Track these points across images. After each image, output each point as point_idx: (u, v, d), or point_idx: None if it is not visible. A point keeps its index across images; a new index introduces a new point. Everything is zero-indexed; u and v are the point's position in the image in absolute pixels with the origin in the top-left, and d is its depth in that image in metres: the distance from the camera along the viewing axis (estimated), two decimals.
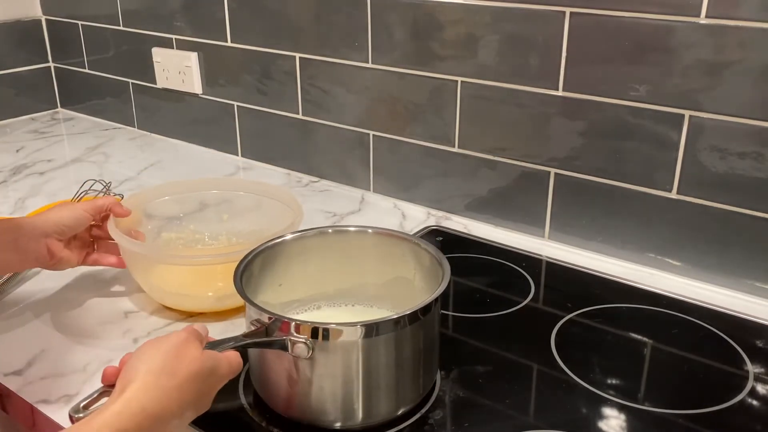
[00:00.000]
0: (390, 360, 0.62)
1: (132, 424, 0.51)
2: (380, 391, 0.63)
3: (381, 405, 0.64)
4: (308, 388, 0.62)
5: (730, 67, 0.79)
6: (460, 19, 0.97)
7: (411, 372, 0.64)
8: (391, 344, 0.62)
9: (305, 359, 0.60)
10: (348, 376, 0.61)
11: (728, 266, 0.86)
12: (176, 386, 0.55)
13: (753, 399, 0.68)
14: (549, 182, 0.97)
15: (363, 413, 0.63)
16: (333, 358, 0.61)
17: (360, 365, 0.61)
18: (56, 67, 1.65)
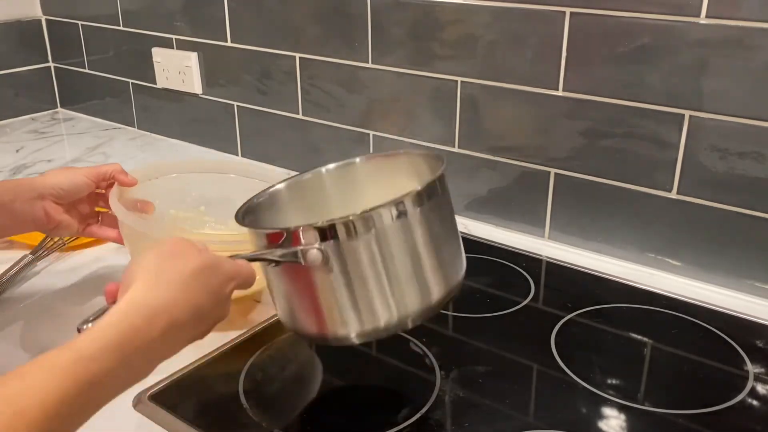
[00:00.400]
0: (407, 246, 0.60)
1: (139, 319, 0.49)
2: (406, 281, 0.60)
3: (411, 297, 0.61)
4: (334, 297, 0.60)
5: (730, 67, 0.79)
6: (460, 19, 0.97)
7: (433, 259, 0.61)
8: (403, 229, 0.59)
9: (321, 267, 0.58)
10: (367, 272, 0.59)
11: (728, 266, 0.86)
12: (178, 282, 0.53)
13: (753, 399, 0.68)
14: (549, 182, 0.97)
15: (388, 313, 0.60)
16: (350, 258, 0.58)
17: (377, 257, 0.59)
18: (56, 67, 1.65)
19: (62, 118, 1.64)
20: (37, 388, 0.43)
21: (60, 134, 1.53)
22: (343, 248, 0.58)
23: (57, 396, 0.43)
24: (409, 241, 0.60)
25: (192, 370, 0.72)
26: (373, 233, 0.58)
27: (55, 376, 0.44)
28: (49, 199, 0.76)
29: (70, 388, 0.44)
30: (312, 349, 0.78)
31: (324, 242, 0.58)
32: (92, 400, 0.46)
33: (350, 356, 0.75)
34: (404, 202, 0.59)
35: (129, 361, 0.48)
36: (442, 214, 0.65)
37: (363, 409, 0.68)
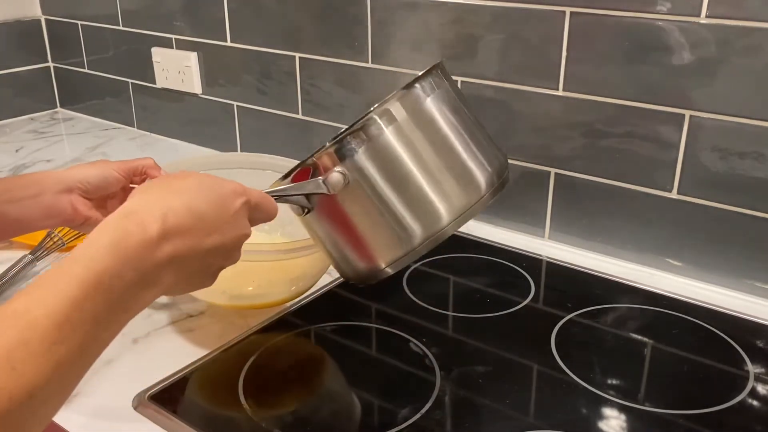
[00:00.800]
0: (433, 137, 0.57)
1: (131, 224, 0.48)
2: (442, 176, 0.57)
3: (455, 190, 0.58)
4: (377, 217, 0.57)
5: (731, 67, 0.79)
6: (460, 19, 0.97)
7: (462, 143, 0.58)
8: (425, 118, 0.57)
9: (349, 190, 0.56)
10: (400, 174, 0.56)
11: (728, 266, 0.86)
12: (174, 191, 0.51)
13: (753, 399, 0.68)
14: (549, 182, 0.97)
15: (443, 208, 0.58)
16: (373, 171, 0.56)
17: (404, 158, 0.56)
18: (56, 67, 1.65)
19: (62, 118, 1.64)
20: (44, 298, 0.42)
21: (59, 134, 1.53)
22: (360, 160, 0.56)
23: (65, 302, 0.42)
24: (433, 128, 0.57)
25: (192, 370, 0.72)
26: (386, 133, 0.56)
27: (60, 282, 0.43)
28: (77, 193, 0.73)
29: (75, 291, 0.43)
30: (311, 349, 0.78)
31: (342, 162, 0.56)
32: (101, 302, 0.44)
33: (350, 356, 0.75)
34: (414, 89, 0.56)
35: (129, 260, 0.46)
36: (457, 102, 0.61)
37: (363, 409, 0.67)
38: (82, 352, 0.44)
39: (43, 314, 0.41)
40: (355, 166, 0.56)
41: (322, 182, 0.57)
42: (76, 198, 0.72)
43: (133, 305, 0.47)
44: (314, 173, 0.58)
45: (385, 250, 0.60)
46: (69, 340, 0.42)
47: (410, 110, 0.58)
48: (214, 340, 0.77)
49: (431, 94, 0.59)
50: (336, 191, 0.57)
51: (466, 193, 0.59)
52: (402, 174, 0.57)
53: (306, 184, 0.58)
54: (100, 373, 0.72)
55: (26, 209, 0.70)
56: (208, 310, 0.83)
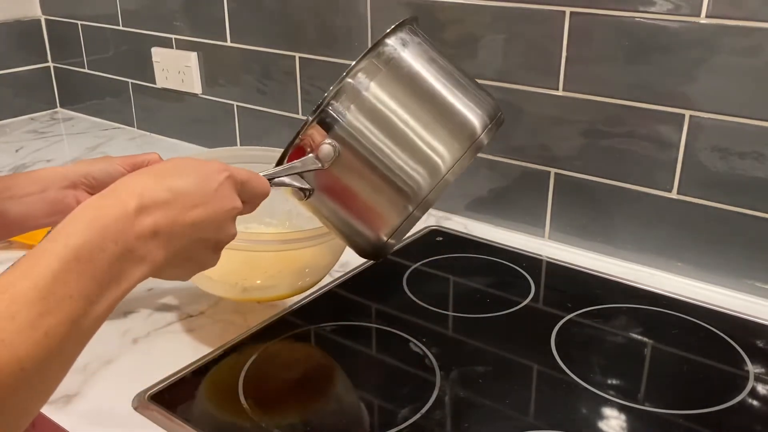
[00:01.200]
0: (413, 90, 0.57)
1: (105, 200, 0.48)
2: (435, 122, 0.57)
3: (444, 136, 0.57)
4: (377, 181, 0.57)
5: (731, 67, 0.79)
6: (460, 19, 0.97)
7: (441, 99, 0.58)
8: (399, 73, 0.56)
9: (342, 160, 0.56)
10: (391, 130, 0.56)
11: (728, 266, 0.86)
12: (150, 172, 0.52)
13: (753, 399, 0.68)
14: (549, 182, 0.97)
15: (441, 159, 0.57)
16: (360, 134, 0.56)
17: (389, 115, 0.56)
18: (56, 67, 1.65)
19: (62, 118, 1.64)
20: (27, 272, 0.43)
21: (59, 134, 1.53)
22: (346, 126, 0.56)
23: (47, 276, 0.43)
24: (413, 80, 0.57)
25: (192, 370, 0.72)
26: (364, 96, 0.55)
27: (42, 258, 0.44)
28: (82, 189, 0.72)
29: (56, 264, 0.43)
30: (311, 349, 0.78)
31: (329, 133, 0.56)
32: (85, 275, 0.45)
33: (350, 356, 0.75)
34: (382, 48, 0.56)
35: (107, 232, 0.46)
36: (434, 52, 0.61)
37: (363, 410, 0.67)
38: (73, 325, 0.44)
39: (27, 287, 0.42)
40: (343, 133, 0.56)
41: (314, 158, 0.57)
42: (80, 194, 0.72)
43: (124, 280, 0.47)
44: (305, 152, 0.58)
45: (393, 211, 0.59)
46: (56, 311, 0.42)
47: (385, 67, 0.57)
48: (214, 340, 0.77)
49: (404, 49, 0.58)
50: (329, 163, 0.57)
51: (460, 137, 0.59)
52: (390, 131, 0.57)
53: (297, 163, 0.58)
54: (100, 373, 0.72)
55: (30, 206, 0.70)
56: (208, 310, 0.83)
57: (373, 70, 0.57)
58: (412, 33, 0.61)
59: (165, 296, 0.86)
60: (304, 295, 0.84)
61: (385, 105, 0.57)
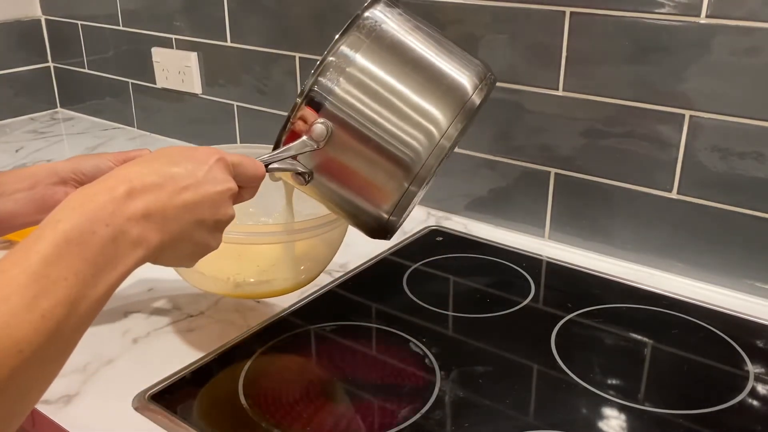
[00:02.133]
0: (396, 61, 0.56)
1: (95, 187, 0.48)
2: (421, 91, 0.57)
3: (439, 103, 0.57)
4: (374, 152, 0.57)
5: (730, 67, 0.79)
6: (460, 19, 0.97)
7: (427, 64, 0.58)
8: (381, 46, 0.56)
9: (336, 139, 0.56)
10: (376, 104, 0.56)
11: (728, 266, 0.86)
12: (143, 161, 0.52)
13: (753, 399, 0.68)
14: (549, 182, 0.97)
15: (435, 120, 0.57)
16: (349, 110, 0.56)
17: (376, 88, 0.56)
18: (56, 67, 1.65)
19: (62, 118, 1.64)
20: (19, 258, 0.43)
21: (59, 134, 1.53)
22: (336, 102, 0.56)
23: (38, 259, 0.43)
24: (398, 50, 0.56)
25: (192, 370, 0.72)
26: (349, 70, 0.55)
27: (33, 244, 0.44)
28: (72, 184, 0.72)
29: (47, 249, 0.43)
30: (311, 349, 0.78)
31: (318, 112, 0.56)
32: (78, 258, 0.45)
33: (350, 356, 0.75)
34: (362, 21, 0.57)
35: (97, 215, 0.46)
36: (416, 21, 0.61)
37: (363, 410, 0.67)
38: (71, 307, 0.44)
39: (19, 271, 0.42)
40: (333, 109, 0.56)
41: (308, 139, 0.57)
42: (71, 189, 0.72)
43: (119, 263, 0.47)
44: (299, 135, 0.58)
45: (393, 183, 0.58)
46: (51, 293, 0.42)
47: (368, 38, 0.57)
48: (214, 340, 0.77)
49: (386, 19, 0.58)
50: (323, 143, 0.57)
51: (451, 100, 0.58)
52: (379, 101, 0.56)
53: (292, 145, 0.58)
54: (100, 373, 0.72)
55: (20, 203, 0.70)
56: (208, 310, 0.83)
57: (356, 43, 0.57)
58: (392, 4, 0.60)
59: (165, 296, 0.86)
60: (304, 296, 0.84)
61: (371, 76, 0.56)
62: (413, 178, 0.59)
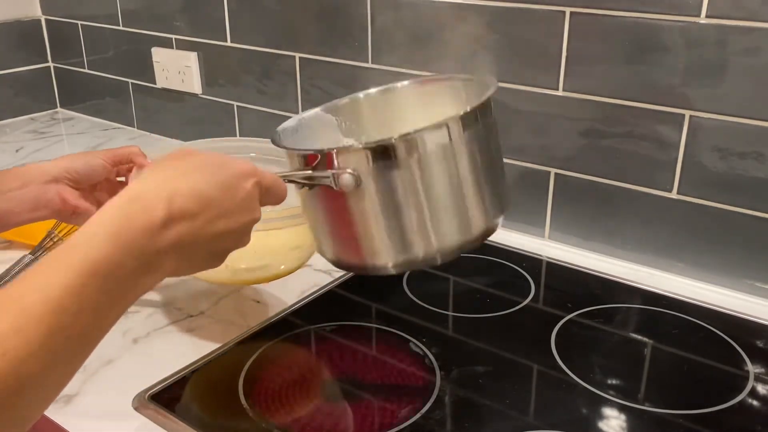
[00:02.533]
0: (445, 174, 0.57)
1: (134, 208, 0.46)
2: (444, 210, 0.58)
3: (452, 226, 0.59)
4: (371, 225, 0.58)
5: (730, 67, 0.79)
6: (460, 19, 0.97)
7: (474, 185, 0.59)
8: (441, 157, 0.56)
9: (354, 192, 0.56)
10: (404, 199, 0.56)
11: (728, 266, 0.86)
12: (180, 173, 0.49)
13: (753, 399, 0.68)
14: (549, 182, 0.97)
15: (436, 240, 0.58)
16: (384, 184, 0.56)
17: (418, 185, 0.56)
18: (56, 67, 1.65)
19: (62, 118, 1.64)
20: (40, 284, 0.41)
21: (59, 134, 1.53)
22: (378, 174, 0.56)
23: (60, 289, 0.41)
24: (451, 169, 0.57)
25: (192, 370, 0.72)
26: (413, 159, 0.55)
27: (57, 270, 0.42)
28: (64, 183, 0.72)
29: (72, 279, 0.42)
30: (311, 349, 0.78)
31: (358, 167, 0.55)
32: (100, 290, 0.43)
33: (350, 356, 0.75)
34: (448, 126, 0.56)
35: (130, 248, 0.45)
36: (489, 141, 0.61)
37: (363, 409, 0.67)
38: (81, 340, 0.43)
39: (38, 300, 0.40)
40: (370, 175, 0.56)
41: (333, 177, 0.56)
42: (63, 188, 0.72)
43: (133, 292, 0.46)
44: (326, 163, 0.57)
45: (370, 254, 0.59)
46: (67, 328, 0.41)
47: (452, 137, 0.57)
48: (214, 340, 0.77)
49: (470, 128, 0.57)
50: (343, 189, 0.56)
51: (459, 233, 0.60)
52: (409, 197, 0.57)
53: (318, 173, 0.57)
54: (100, 373, 0.72)
55: (13, 201, 0.70)
56: (208, 310, 0.83)
57: (429, 141, 0.56)
58: (486, 111, 0.60)
59: (165, 296, 0.87)
60: (304, 296, 0.84)
61: (423, 176, 0.56)
62: (402, 264, 0.60)
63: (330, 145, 0.70)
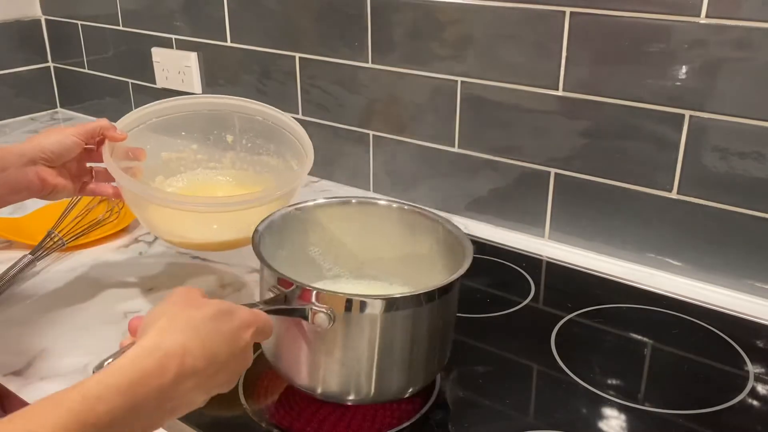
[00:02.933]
0: (407, 337, 0.61)
1: (150, 362, 0.47)
2: (393, 368, 0.62)
3: (392, 383, 0.63)
4: (321, 359, 0.61)
5: (730, 67, 0.79)
6: (460, 19, 0.97)
7: (427, 351, 0.64)
8: (409, 321, 0.61)
9: (323, 330, 0.59)
10: (362, 349, 0.60)
11: (728, 266, 0.86)
12: (192, 327, 0.51)
13: (753, 399, 0.68)
14: (549, 182, 0.97)
15: (373, 389, 0.62)
16: (352, 330, 0.60)
17: (377, 340, 0.60)
18: (56, 67, 1.65)
19: (62, 118, 1.64)
20: (41, 428, 0.41)
21: None
22: (352, 322, 0.60)
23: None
24: (415, 331, 0.62)
25: None
26: (387, 316, 0.60)
27: (60, 416, 0.42)
28: (41, 164, 0.74)
29: (74, 428, 0.42)
30: None
31: (336, 310, 0.59)
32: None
33: None
34: (423, 296, 0.61)
35: (138, 405, 0.46)
36: (450, 308, 0.66)
37: (363, 409, 0.67)
38: None
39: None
40: (342, 319, 0.59)
41: (310, 311, 0.59)
42: (41, 169, 0.74)
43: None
44: (302, 295, 0.60)
45: (313, 380, 0.63)
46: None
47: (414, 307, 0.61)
48: None
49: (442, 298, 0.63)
50: (313, 324, 0.60)
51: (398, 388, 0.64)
52: (372, 348, 0.61)
53: (294, 307, 0.60)
54: None
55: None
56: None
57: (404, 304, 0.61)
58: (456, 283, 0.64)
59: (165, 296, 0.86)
60: None
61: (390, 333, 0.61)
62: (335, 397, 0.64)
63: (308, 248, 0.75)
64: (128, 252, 0.98)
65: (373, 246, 0.75)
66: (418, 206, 0.75)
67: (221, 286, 0.89)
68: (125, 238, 1.02)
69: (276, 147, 0.89)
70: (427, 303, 0.61)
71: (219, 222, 0.82)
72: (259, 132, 0.90)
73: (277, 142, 0.89)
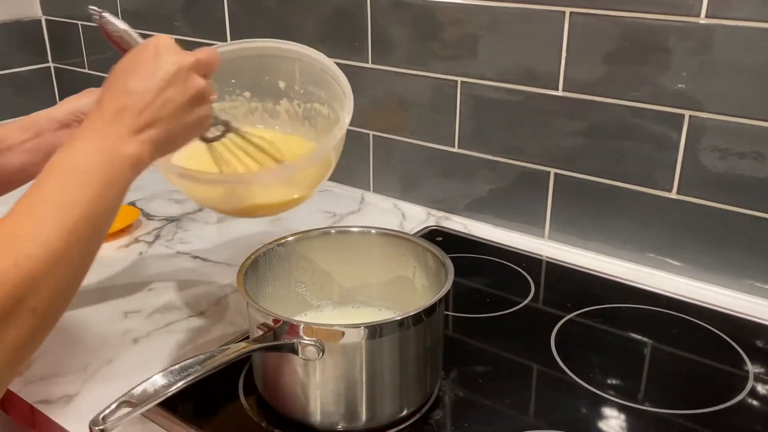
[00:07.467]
0: (395, 361, 0.62)
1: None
2: (385, 392, 0.63)
3: (385, 406, 0.64)
4: (314, 390, 0.62)
5: (731, 67, 0.79)
6: (460, 19, 0.97)
7: (416, 373, 0.64)
8: (395, 345, 0.62)
9: (313, 362, 0.60)
10: (353, 377, 0.61)
11: (728, 266, 0.86)
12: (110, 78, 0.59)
13: (753, 399, 0.68)
14: (549, 182, 0.97)
15: (367, 415, 0.63)
16: (341, 360, 0.61)
17: (365, 366, 0.61)
18: (56, 67, 1.65)
19: None
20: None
21: None
22: (340, 351, 0.60)
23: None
24: (403, 354, 0.62)
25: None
26: (372, 343, 0.60)
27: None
28: (75, 126, 0.72)
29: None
30: None
31: (323, 341, 0.59)
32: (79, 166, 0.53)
33: None
34: (408, 319, 0.61)
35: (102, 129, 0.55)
36: (436, 328, 0.66)
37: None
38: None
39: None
40: (331, 349, 0.60)
41: (299, 345, 0.60)
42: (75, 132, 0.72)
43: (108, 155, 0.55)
44: (289, 330, 0.60)
45: (305, 411, 0.64)
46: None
47: (400, 330, 0.61)
48: (214, 340, 0.77)
49: (428, 318, 0.63)
50: (302, 358, 0.60)
51: (392, 412, 0.64)
52: (353, 375, 0.61)
53: (282, 342, 0.60)
54: (101, 373, 0.72)
55: (29, 153, 0.69)
56: (208, 310, 0.83)
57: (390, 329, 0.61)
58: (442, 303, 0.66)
59: (165, 296, 0.87)
60: None
61: (379, 358, 0.62)
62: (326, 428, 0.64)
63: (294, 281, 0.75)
64: (128, 252, 0.98)
65: (358, 273, 0.76)
66: (395, 230, 0.76)
67: (221, 285, 0.89)
68: (125, 238, 1.02)
69: (326, 93, 0.84)
70: (413, 325, 0.61)
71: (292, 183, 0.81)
72: (307, 79, 0.85)
73: (325, 87, 0.84)
